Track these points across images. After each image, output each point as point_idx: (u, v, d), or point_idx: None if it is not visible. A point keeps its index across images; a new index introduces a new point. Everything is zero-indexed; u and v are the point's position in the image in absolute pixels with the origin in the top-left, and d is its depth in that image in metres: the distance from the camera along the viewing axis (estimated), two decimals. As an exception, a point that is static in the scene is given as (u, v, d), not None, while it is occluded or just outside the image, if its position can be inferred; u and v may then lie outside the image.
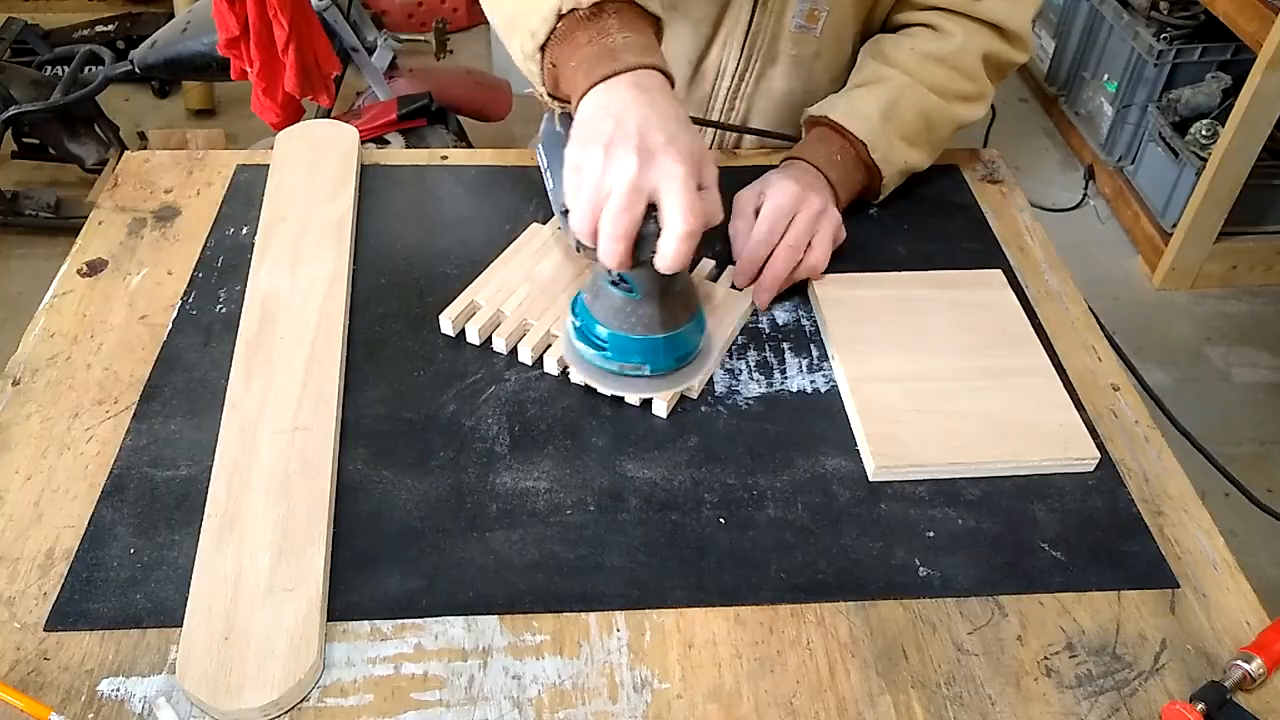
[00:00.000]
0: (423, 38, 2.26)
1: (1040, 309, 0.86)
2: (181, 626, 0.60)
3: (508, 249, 0.86)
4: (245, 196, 0.93)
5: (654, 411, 0.75)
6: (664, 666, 0.61)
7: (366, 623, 0.62)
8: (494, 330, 0.79)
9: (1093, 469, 0.73)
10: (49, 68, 2.52)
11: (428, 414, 0.74)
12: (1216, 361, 2.19)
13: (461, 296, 0.81)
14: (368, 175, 0.96)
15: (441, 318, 0.80)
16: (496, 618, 0.63)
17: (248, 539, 0.64)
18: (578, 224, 0.66)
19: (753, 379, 0.78)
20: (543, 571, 0.65)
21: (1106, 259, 2.44)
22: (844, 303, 0.83)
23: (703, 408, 0.76)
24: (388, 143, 1.95)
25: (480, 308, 0.81)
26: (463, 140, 2.07)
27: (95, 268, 0.86)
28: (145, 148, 2.05)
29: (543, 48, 0.72)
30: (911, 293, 0.85)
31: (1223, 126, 2.15)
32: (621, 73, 0.66)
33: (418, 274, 0.86)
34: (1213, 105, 2.31)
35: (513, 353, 0.79)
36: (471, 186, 0.97)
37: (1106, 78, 2.61)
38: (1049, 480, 0.72)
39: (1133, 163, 2.54)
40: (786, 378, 0.79)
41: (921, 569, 0.66)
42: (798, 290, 0.86)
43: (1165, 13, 2.39)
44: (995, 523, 0.69)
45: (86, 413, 0.74)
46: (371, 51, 2.03)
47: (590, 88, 0.67)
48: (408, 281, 0.85)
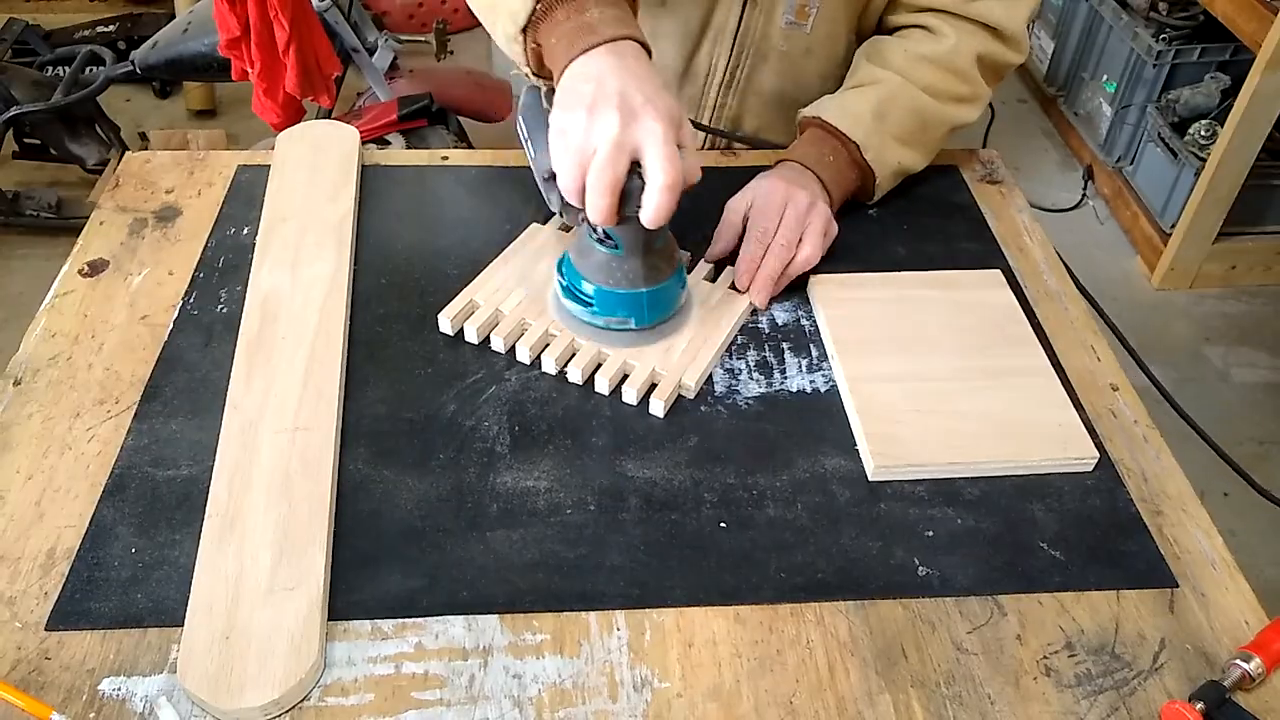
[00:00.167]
0: (423, 38, 2.26)
1: (1039, 309, 0.86)
2: (182, 626, 0.60)
3: (507, 249, 0.87)
4: (246, 197, 0.93)
5: (651, 411, 0.75)
6: (664, 666, 0.61)
7: (367, 622, 0.62)
8: (492, 329, 0.80)
9: (1092, 469, 0.73)
10: (50, 68, 2.52)
11: (428, 414, 0.75)
12: (1215, 362, 2.20)
13: (460, 296, 0.82)
14: (368, 176, 0.96)
15: (440, 317, 0.80)
16: (497, 617, 0.63)
17: (249, 539, 0.64)
18: (565, 183, 0.69)
19: (752, 379, 0.79)
20: (543, 571, 0.65)
21: (1106, 259, 2.44)
22: (844, 303, 0.83)
23: (702, 407, 0.76)
24: (388, 143, 1.95)
25: (479, 307, 0.81)
26: (463, 141, 2.08)
27: (96, 268, 0.86)
28: (146, 148, 2.06)
29: (524, 29, 0.75)
30: (911, 293, 0.85)
31: (1221, 127, 2.15)
32: (600, 44, 0.69)
33: (418, 274, 0.86)
34: (1211, 105, 2.31)
35: (511, 352, 0.79)
36: (472, 187, 0.97)
37: (1105, 78, 2.61)
38: (1048, 480, 0.72)
39: (1132, 163, 2.54)
40: (786, 378, 0.79)
41: (921, 568, 0.66)
42: (797, 290, 0.86)
43: (1164, 13, 2.39)
44: (994, 522, 0.69)
45: (88, 412, 0.74)
46: (372, 52, 2.03)
47: (571, 60, 0.70)
48: (408, 282, 0.85)
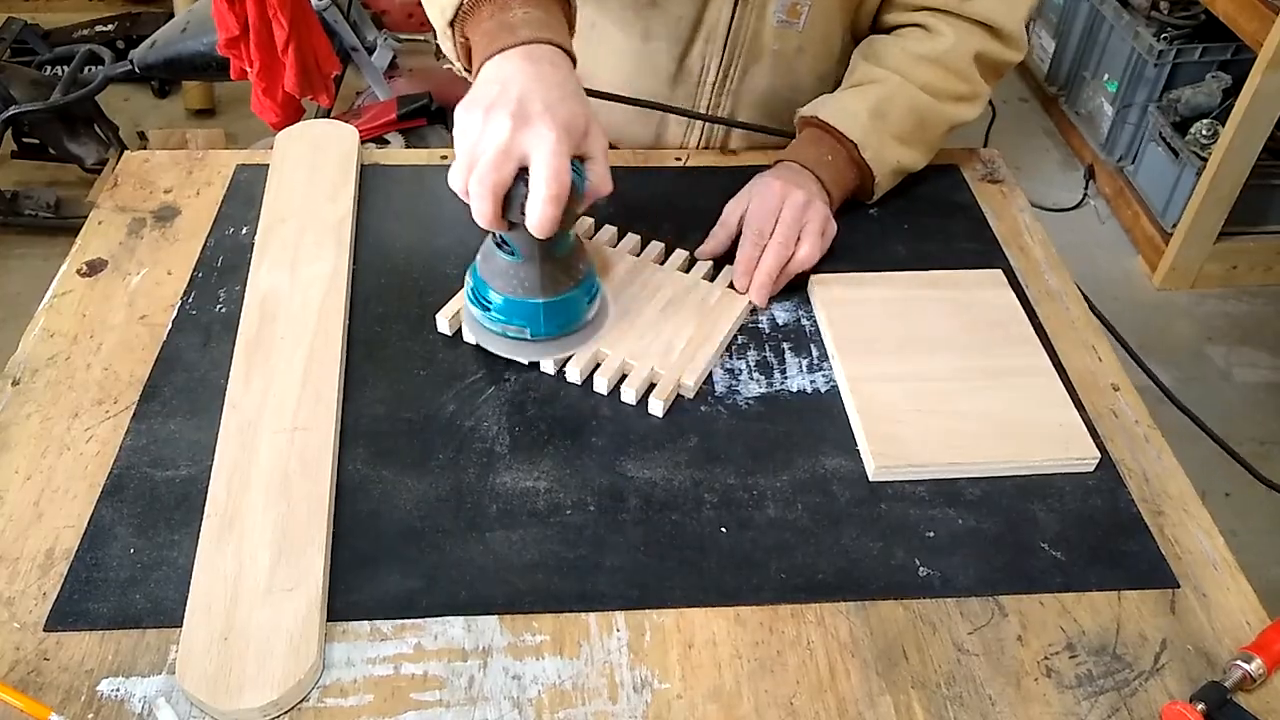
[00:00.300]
0: (423, 37, 2.27)
1: (1040, 309, 0.86)
2: (181, 626, 0.60)
3: None
4: (245, 196, 0.93)
5: (650, 411, 0.75)
6: (664, 666, 0.61)
7: (366, 623, 0.62)
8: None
9: (1093, 469, 0.73)
10: (49, 67, 2.52)
11: (428, 414, 0.74)
12: (1217, 361, 2.19)
13: (458, 296, 0.81)
14: (368, 175, 0.96)
15: (438, 316, 0.80)
16: (496, 618, 0.63)
17: (247, 539, 0.64)
18: (454, 181, 0.68)
19: (753, 379, 0.78)
20: (543, 571, 0.65)
21: (1107, 259, 2.44)
22: (844, 302, 0.83)
23: (702, 407, 0.76)
24: (388, 142, 1.95)
25: None
26: (462, 140, 2.07)
27: (95, 268, 0.86)
28: (145, 147, 2.05)
29: (452, 23, 0.74)
30: (911, 293, 0.84)
31: (1223, 126, 2.15)
32: (516, 45, 0.69)
33: (418, 274, 0.86)
34: (1213, 105, 2.31)
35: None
36: (471, 186, 0.97)
37: (1107, 77, 2.61)
38: (1049, 480, 0.72)
39: (1133, 163, 2.54)
40: (786, 377, 0.79)
41: (921, 569, 0.66)
42: (798, 290, 0.86)
43: (1165, 12, 2.39)
44: (995, 523, 0.69)
45: (86, 413, 0.74)
46: (371, 51, 2.03)
47: (487, 58, 0.69)
48: (408, 281, 0.85)
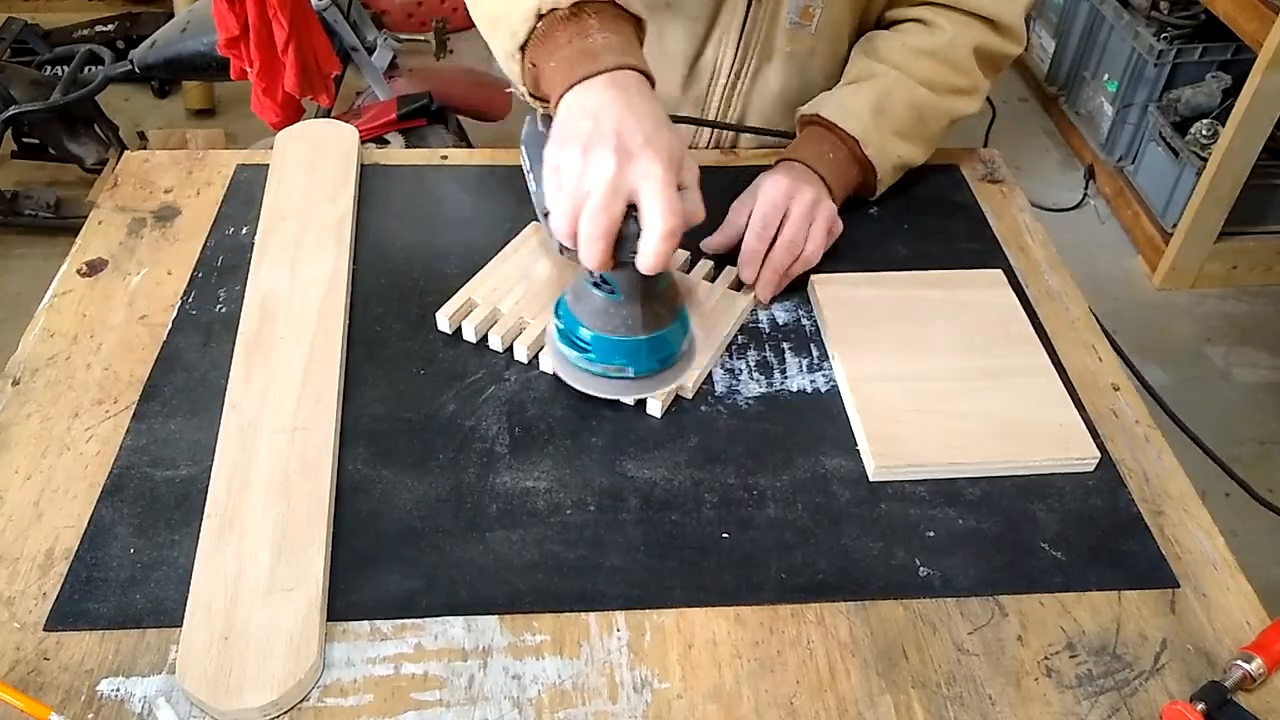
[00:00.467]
0: (423, 37, 2.26)
1: (1040, 309, 0.86)
2: (181, 626, 0.60)
3: (505, 247, 0.86)
4: (245, 196, 0.93)
5: (649, 411, 0.75)
6: (664, 666, 0.61)
7: (366, 623, 0.62)
8: (490, 328, 0.79)
9: (1093, 469, 0.73)
10: (49, 67, 2.52)
11: (428, 414, 0.74)
12: (1217, 361, 2.19)
13: (459, 294, 0.81)
14: (368, 175, 0.96)
15: (438, 315, 0.80)
16: (496, 618, 0.63)
17: (247, 539, 0.64)
18: (558, 225, 0.65)
19: (753, 379, 0.78)
20: (543, 571, 0.65)
21: (1107, 259, 2.44)
22: (844, 303, 0.83)
23: (702, 407, 0.76)
24: (388, 142, 1.95)
25: (477, 305, 0.81)
26: (463, 140, 2.07)
27: (95, 267, 0.86)
28: (145, 147, 2.05)
29: (523, 47, 0.71)
30: (911, 293, 0.84)
31: (1223, 126, 2.15)
32: (600, 73, 0.66)
33: (418, 274, 0.86)
34: (1213, 105, 2.31)
35: (509, 351, 0.79)
36: (471, 186, 0.97)
37: (1107, 77, 2.61)
38: (1049, 480, 0.72)
39: (1133, 162, 2.54)
40: (786, 377, 0.79)
41: (922, 569, 0.66)
42: (798, 290, 0.86)
43: (1165, 12, 2.39)
44: (995, 523, 0.69)
45: (86, 412, 0.74)
46: (371, 51, 2.03)
47: (569, 88, 0.66)
48: (408, 281, 0.85)
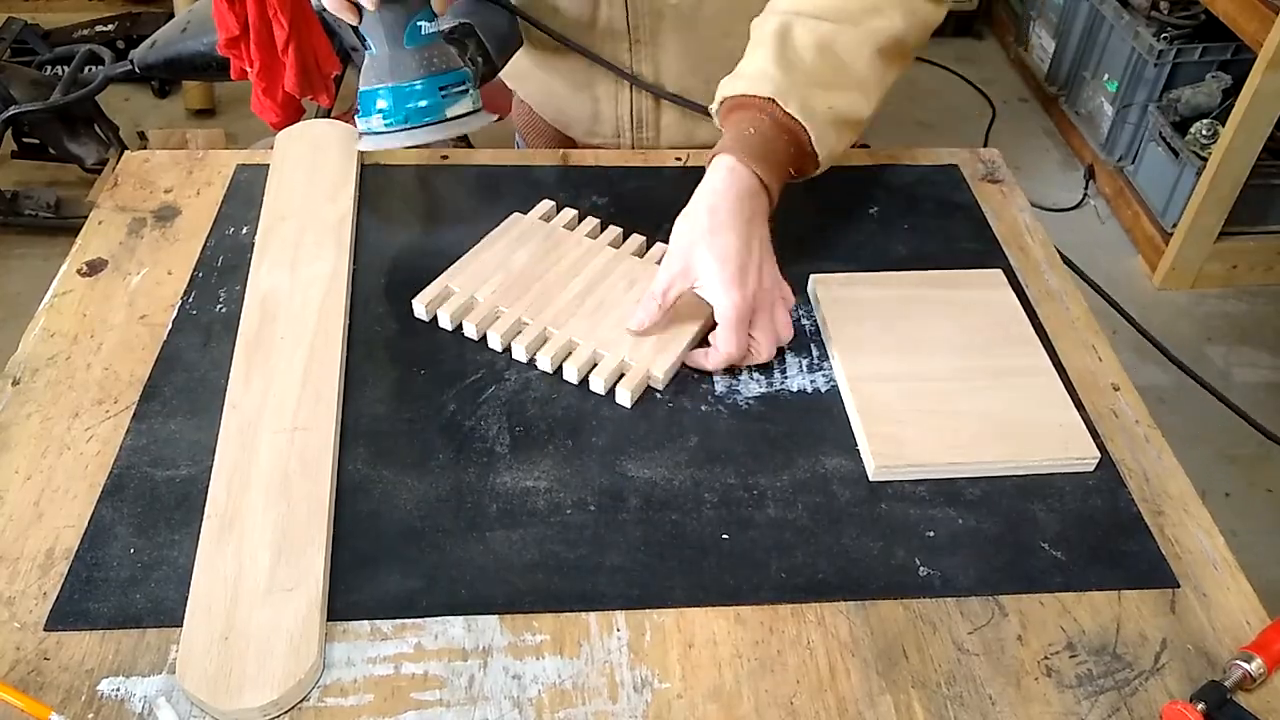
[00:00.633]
0: (423, 37, 2.25)
1: (1040, 309, 0.86)
2: (181, 626, 0.60)
3: (485, 237, 0.87)
4: (245, 196, 0.93)
5: (618, 400, 0.75)
6: (664, 666, 0.61)
7: (366, 623, 0.62)
8: (465, 316, 0.80)
9: (1093, 469, 0.73)
10: (49, 67, 2.52)
11: (428, 414, 0.74)
12: (1217, 361, 2.19)
13: (436, 282, 0.82)
14: (368, 175, 0.96)
15: (414, 302, 0.81)
16: (496, 618, 0.63)
17: (247, 539, 0.64)
18: None
19: (753, 379, 0.78)
20: (543, 571, 0.65)
21: (1107, 259, 2.44)
22: (844, 303, 0.83)
23: (703, 407, 0.76)
24: (388, 142, 1.95)
25: (453, 294, 0.82)
26: (463, 140, 2.07)
27: (95, 267, 0.86)
28: (145, 147, 2.05)
29: None
30: (911, 293, 0.84)
31: (1223, 126, 2.15)
32: None
33: (418, 274, 0.86)
34: (1213, 105, 2.31)
35: (509, 350, 0.79)
36: (471, 186, 0.97)
37: (1107, 77, 2.61)
38: (1049, 480, 0.72)
39: (1133, 162, 2.54)
40: (786, 377, 0.79)
41: (922, 569, 0.66)
42: (798, 290, 0.85)
43: (1165, 12, 2.39)
44: (995, 522, 0.69)
45: (86, 412, 0.74)
46: (372, 51, 2.03)
47: None
48: (408, 281, 0.85)
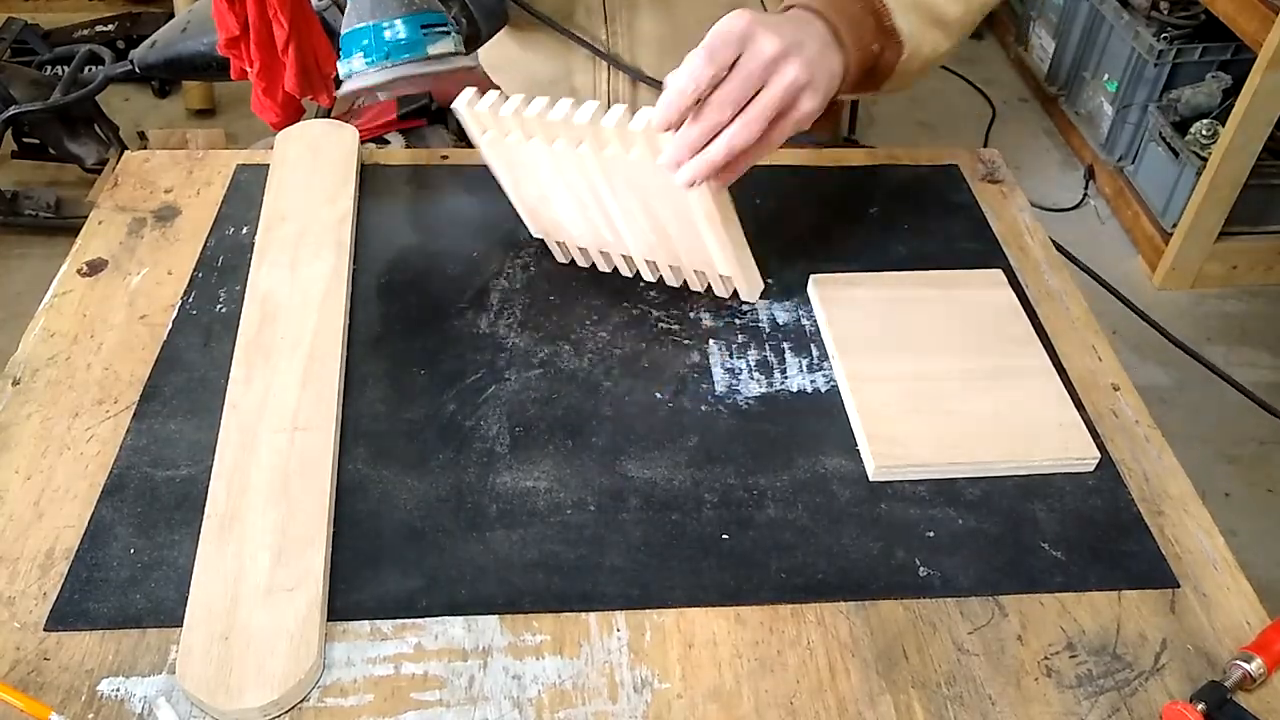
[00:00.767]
0: (423, 37, 2.25)
1: (1040, 309, 0.86)
2: (181, 626, 0.60)
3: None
4: (245, 196, 0.93)
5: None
6: (664, 666, 0.61)
7: (366, 623, 0.62)
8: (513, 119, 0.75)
9: (1093, 469, 0.73)
10: (49, 67, 2.51)
11: (428, 414, 0.74)
12: (1217, 361, 2.17)
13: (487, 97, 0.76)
14: (368, 175, 0.96)
15: (465, 108, 0.77)
16: (496, 618, 0.63)
17: (248, 539, 0.64)
18: None
19: (753, 378, 0.78)
20: (543, 571, 0.65)
21: (1107, 259, 2.44)
22: (844, 302, 0.83)
23: (703, 407, 0.76)
24: (388, 142, 1.94)
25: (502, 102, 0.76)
26: (463, 140, 2.06)
27: (95, 267, 0.86)
28: (145, 147, 2.05)
29: None
30: (911, 293, 0.85)
31: (1223, 126, 2.15)
32: None
33: (418, 274, 0.86)
34: (1213, 105, 2.31)
35: (513, 350, 0.79)
36: (471, 186, 0.97)
37: (1107, 77, 2.61)
38: (1049, 480, 0.72)
39: (1133, 162, 2.54)
40: (787, 377, 0.79)
41: (922, 569, 0.66)
42: (798, 290, 0.86)
43: (1165, 12, 2.39)
44: (995, 522, 0.69)
45: (86, 412, 0.74)
46: (372, 51, 2.03)
47: None
48: (408, 281, 0.85)
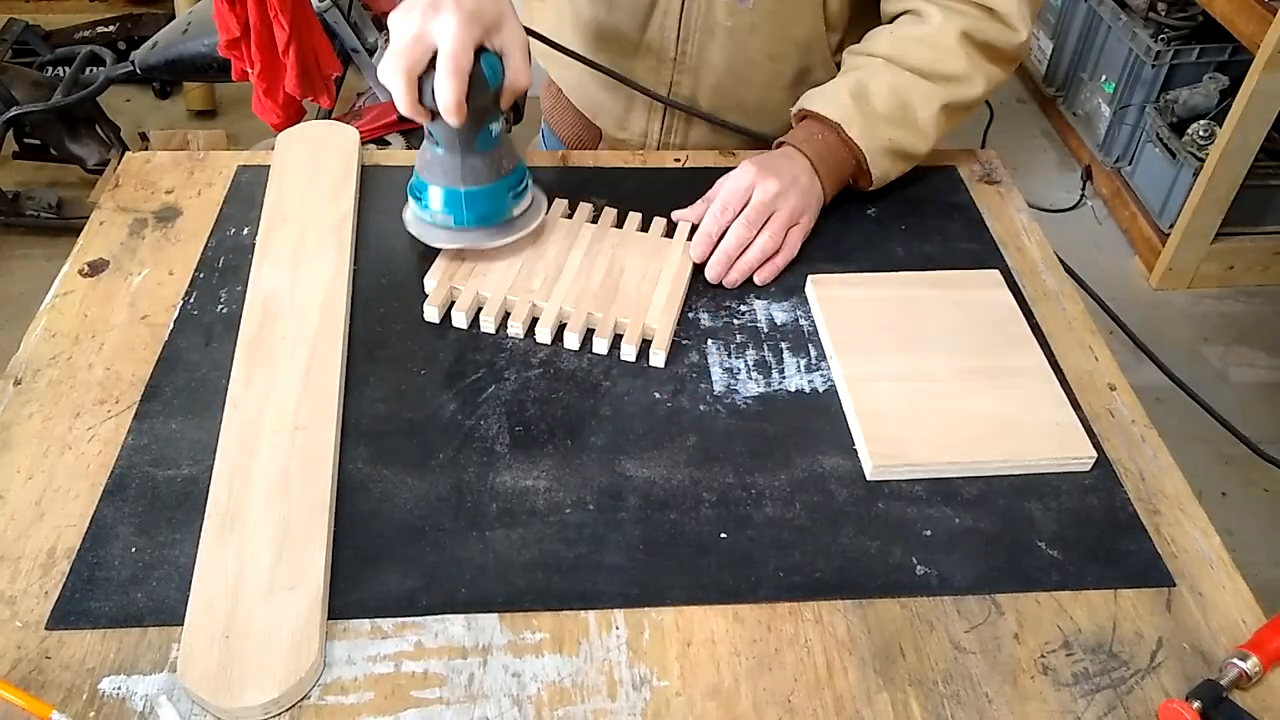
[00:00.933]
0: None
1: (1037, 309, 0.86)
2: (183, 625, 0.60)
3: None
4: (246, 197, 0.93)
5: (653, 363, 0.79)
6: (663, 664, 0.61)
7: (367, 621, 0.62)
8: (480, 312, 0.81)
9: (1089, 468, 0.73)
10: (50, 68, 2.52)
11: (428, 413, 0.75)
12: (1214, 361, 2.20)
13: (435, 284, 0.83)
14: (368, 176, 0.97)
15: (426, 307, 0.82)
16: (496, 616, 0.63)
17: (249, 538, 0.64)
18: (382, 74, 0.76)
19: (751, 378, 0.79)
20: (542, 570, 0.65)
21: (1104, 259, 2.44)
22: (842, 303, 0.84)
23: (701, 407, 0.76)
24: (388, 143, 1.95)
25: (460, 292, 0.82)
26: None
27: (96, 268, 0.86)
28: (146, 148, 2.05)
29: None
30: (910, 293, 0.85)
31: (1220, 127, 2.15)
32: None
33: (418, 274, 0.86)
34: (1210, 106, 2.31)
35: (512, 350, 0.79)
36: (471, 187, 0.97)
37: (1104, 78, 2.61)
38: (1046, 479, 0.72)
39: (1130, 163, 2.54)
40: (785, 377, 0.79)
41: (919, 568, 0.67)
42: (796, 290, 0.86)
43: (1163, 14, 2.40)
44: (992, 522, 0.70)
45: (88, 412, 0.74)
46: (372, 53, 2.03)
47: None
48: (408, 282, 0.85)
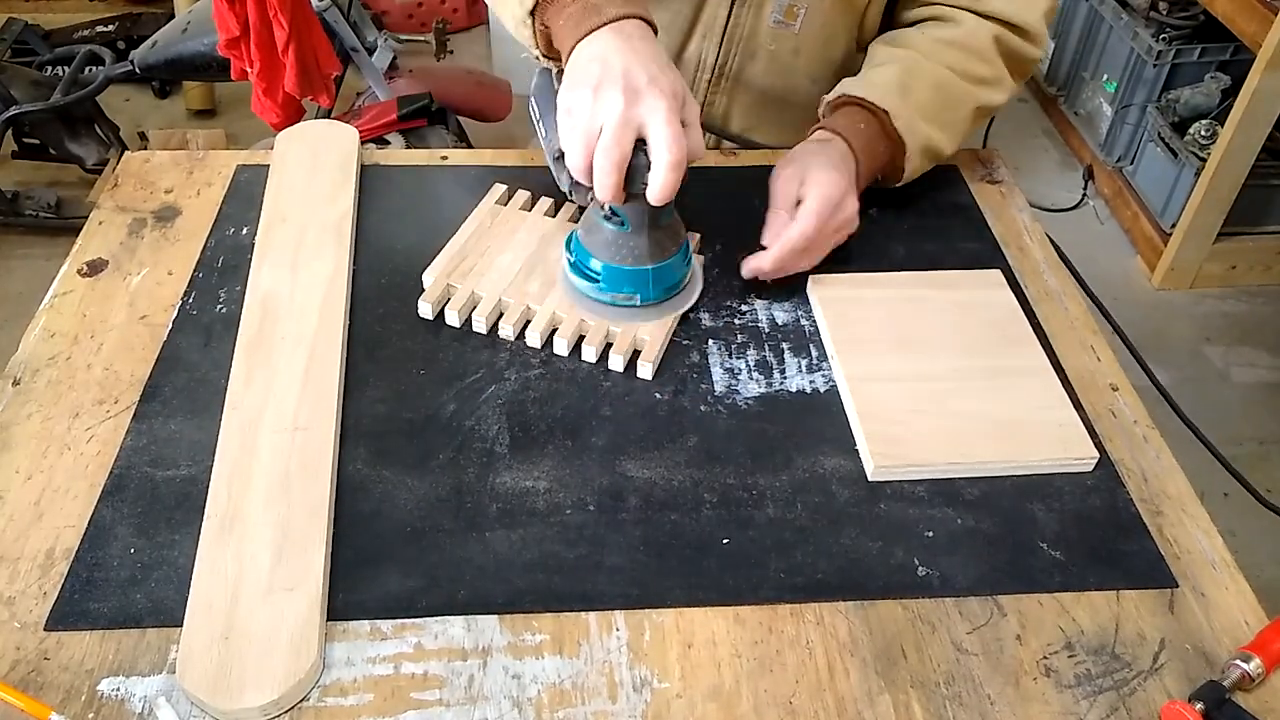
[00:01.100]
0: (423, 38, 2.27)
1: (1039, 309, 0.86)
2: (182, 626, 0.60)
3: (462, 225, 0.88)
4: (245, 197, 0.93)
5: (640, 375, 0.77)
6: (663, 666, 0.61)
7: (366, 622, 0.62)
8: (473, 312, 0.81)
9: (1092, 469, 0.73)
10: (49, 68, 2.52)
11: (428, 414, 0.75)
12: (1215, 361, 2.19)
13: (435, 281, 0.83)
14: (368, 175, 0.96)
15: (421, 302, 0.82)
16: (496, 617, 0.63)
17: (248, 539, 0.64)
18: (573, 161, 0.71)
19: (752, 379, 0.79)
20: (542, 571, 0.65)
21: (1106, 259, 2.44)
22: (844, 303, 0.83)
23: (702, 407, 0.76)
24: (388, 143, 1.95)
25: (456, 290, 0.82)
26: (463, 140, 2.08)
27: (96, 268, 0.86)
28: (146, 148, 2.05)
29: (533, 11, 0.77)
30: (911, 293, 0.85)
31: (1222, 127, 2.15)
32: (605, 24, 0.71)
33: (418, 274, 0.86)
34: (1212, 105, 2.31)
35: (512, 350, 0.79)
36: (471, 187, 0.97)
37: (1106, 78, 2.61)
38: (1048, 480, 0.72)
39: (1132, 163, 2.54)
40: (786, 378, 0.79)
41: (921, 569, 0.66)
42: (797, 290, 0.86)
43: (1164, 13, 2.39)
44: (994, 522, 0.69)
45: (87, 412, 0.74)
46: (372, 52, 2.03)
47: (578, 40, 0.72)
48: (408, 281, 0.85)
